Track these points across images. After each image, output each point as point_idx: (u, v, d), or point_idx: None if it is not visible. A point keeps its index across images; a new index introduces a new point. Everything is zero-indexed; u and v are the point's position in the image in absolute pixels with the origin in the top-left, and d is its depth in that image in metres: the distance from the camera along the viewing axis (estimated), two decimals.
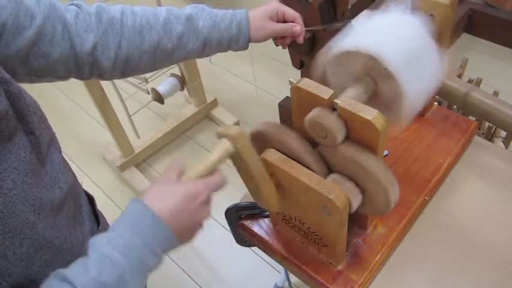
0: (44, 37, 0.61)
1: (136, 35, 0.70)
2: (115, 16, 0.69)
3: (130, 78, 1.72)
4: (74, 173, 0.66)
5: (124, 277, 0.48)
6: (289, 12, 0.82)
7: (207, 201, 0.57)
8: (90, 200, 0.73)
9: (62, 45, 0.63)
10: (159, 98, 1.85)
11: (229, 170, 0.65)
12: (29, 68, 0.61)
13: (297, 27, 0.82)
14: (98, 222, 0.72)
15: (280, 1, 1.09)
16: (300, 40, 0.84)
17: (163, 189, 0.55)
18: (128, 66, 0.72)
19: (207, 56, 0.80)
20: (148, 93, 1.73)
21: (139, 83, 1.72)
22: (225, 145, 0.59)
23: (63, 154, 0.64)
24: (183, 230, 0.54)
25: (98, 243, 0.50)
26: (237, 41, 0.78)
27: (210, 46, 0.77)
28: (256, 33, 0.79)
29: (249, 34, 0.79)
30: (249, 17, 0.78)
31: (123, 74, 0.73)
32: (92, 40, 0.66)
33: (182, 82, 1.92)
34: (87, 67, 0.68)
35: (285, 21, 0.82)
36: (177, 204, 0.53)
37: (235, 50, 0.81)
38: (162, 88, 1.86)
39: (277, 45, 0.88)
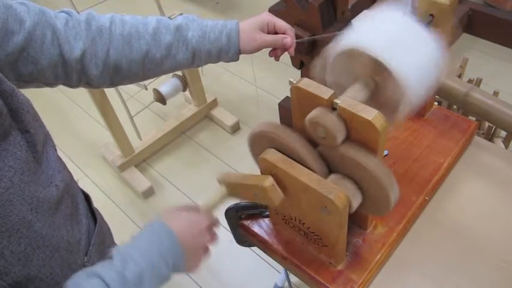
0: (34, 43, 0.61)
1: (124, 43, 0.70)
2: (104, 24, 0.69)
3: None
4: (69, 171, 0.66)
5: (143, 276, 0.54)
6: (280, 23, 0.81)
7: (207, 229, 0.65)
8: (86, 198, 0.73)
9: (51, 52, 0.63)
10: (161, 99, 1.85)
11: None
12: (17, 73, 0.61)
13: (288, 38, 0.81)
14: (94, 220, 0.72)
15: (279, 2, 1.08)
16: (291, 52, 0.83)
17: (172, 214, 0.63)
18: (116, 75, 0.71)
19: (198, 66, 0.79)
20: (146, 89, 1.71)
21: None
22: (222, 191, 0.70)
23: (62, 153, 0.64)
24: (189, 250, 0.61)
25: (122, 247, 0.57)
26: (227, 52, 0.78)
27: (199, 57, 0.76)
28: (246, 44, 0.78)
29: (239, 45, 0.78)
30: (240, 28, 0.77)
31: (112, 83, 0.73)
32: (81, 48, 0.66)
33: (185, 83, 1.91)
34: (76, 74, 0.68)
35: (276, 33, 0.81)
36: (183, 227, 0.61)
37: (226, 61, 0.80)
38: (164, 89, 1.85)
39: (270, 56, 0.86)
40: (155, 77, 0.78)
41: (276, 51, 0.84)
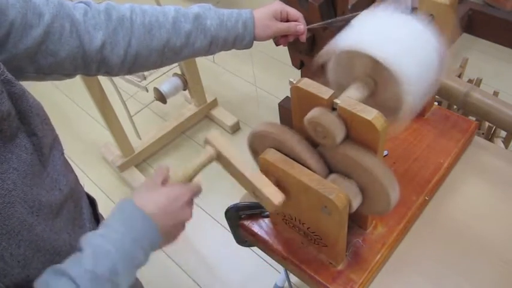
0: (53, 35, 0.61)
1: (146, 33, 0.71)
2: (125, 14, 0.69)
3: (128, 76, 1.72)
4: (76, 175, 0.66)
5: (116, 269, 0.51)
6: (292, 12, 0.85)
7: (189, 203, 0.62)
8: (92, 202, 0.73)
9: (71, 43, 0.63)
10: (161, 98, 1.85)
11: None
12: (36, 65, 0.62)
13: (301, 25, 0.85)
14: (99, 225, 0.72)
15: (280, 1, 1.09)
16: (303, 38, 0.87)
17: (149, 192, 0.59)
18: (136, 64, 0.72)
19: (211, 54, 0.81)
20: (147, 91, 1.72)
21: (138, 81, 1.72)
22: (208, 151, 0.65)
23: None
24: (167, 228, 0.59)
25: (92, 238, 0.53)
26: (243, 39, 0.81)
27: (216, 44, 0.79)
28: (261, 31, 0.81)
29: (254, 33, 0.81)
30: (254, 17, 0.81)
31: (130, 71, 0.74)
32: (101, 38, 0.66)
33: (185, 82, 1.92)
34: (95, 64, 0.68)
35: (288, 21, 0.85)
36: (162, 205, 0.58)
37: (240, 49, 0.83)
38: (164, 88, 1.85)
39: (277, 45, 0.90)
40: (171, 64, 0.80)
41: (286, 38, 0.88)
